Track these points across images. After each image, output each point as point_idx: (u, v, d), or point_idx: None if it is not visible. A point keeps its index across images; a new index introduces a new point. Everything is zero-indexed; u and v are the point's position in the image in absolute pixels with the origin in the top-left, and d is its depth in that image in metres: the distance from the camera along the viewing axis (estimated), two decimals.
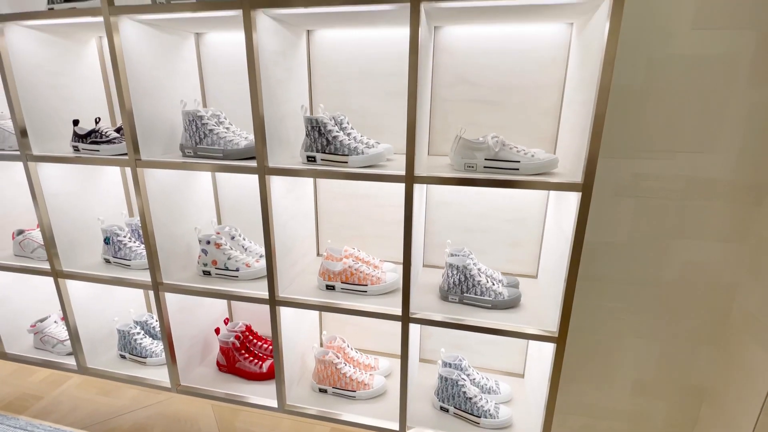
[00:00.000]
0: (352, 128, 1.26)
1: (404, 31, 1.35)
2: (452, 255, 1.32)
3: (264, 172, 1.21)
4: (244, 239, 1.55)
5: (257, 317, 1.83)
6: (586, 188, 1.01)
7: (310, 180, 1.56)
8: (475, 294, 1.26)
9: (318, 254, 1.68)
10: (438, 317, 1.21)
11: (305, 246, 1.56)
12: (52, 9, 1.28)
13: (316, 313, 1.70)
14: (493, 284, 1.27)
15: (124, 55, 1.22)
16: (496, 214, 1.45)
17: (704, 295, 1.36)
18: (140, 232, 1.62)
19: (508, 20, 1.22)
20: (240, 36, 1.49)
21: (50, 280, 1.93)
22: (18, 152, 1.43)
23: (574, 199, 1.07)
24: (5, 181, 1.70)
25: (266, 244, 1.28)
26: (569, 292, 1.10)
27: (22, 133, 1.38)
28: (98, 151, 1.37)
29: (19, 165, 1.75)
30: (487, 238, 1.48)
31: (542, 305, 1.29)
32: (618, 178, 1.32)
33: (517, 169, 1.09)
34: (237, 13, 1.11)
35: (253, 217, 1.69)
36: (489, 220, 1.46)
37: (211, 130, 1.31)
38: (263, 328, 1.83)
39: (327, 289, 1.37)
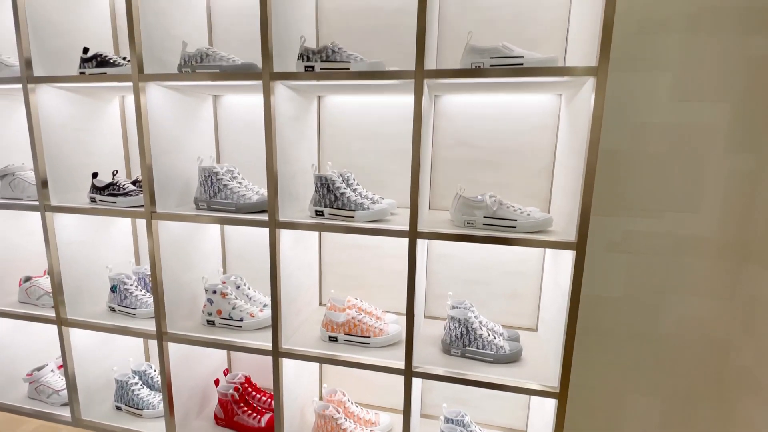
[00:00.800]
0: (357, 184, 1.33)
1: (406, 98, 1.47)
2: (454, 307, 1.36)
3: (275, 225, 1.27)
4: (248, 288, 1.58)
5: (257, 368, 1.82)
6: (579, 246, 1.07)
7: (316, 232, 1.62)
8: (477, 347, 1.28)
9: (321, 304, 1.71)
10: (440, 371, 1.23)
11: (309, 295, 1.59)
12: (84, 74, 1.40)
13: (316, 363, 1.70)
14: (495, 338, 1.30)
15: (149, 116, 1.31)
16: (496, 267, 1.50)
17: (700, 350, 1.39)
18: (146, 280, 1.65)
19: (501, 92, 1.34)
20: (254, 98, 1.60)
21: (51, 327, 1.93)
22: (36, 202, 1.49)
23: (569, 256, 1.12)
24: (16, 230, 1.75)
25: (272, 295, 1.31)
26: (569, 346, 1.13)
27: (43, 184, 1.45)
28: (115, 202, 1.43)
29: (33, 214, 1.80)
30: (486, 290, 1.52)
31: (543, 359, 1.31)
32: (610, 234, 1.39)
33: (515, 227, 1.16)
34: (258, 82, 1.22)
35: (258, 266, 1.73)
36: (489, 272, 1.51)
37: (225, 185, 1.38)
38: (262, 379, 1.81)
39: (330, 340, 1.39)
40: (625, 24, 1.28)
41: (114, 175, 1.49)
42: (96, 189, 1.47)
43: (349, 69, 1.18)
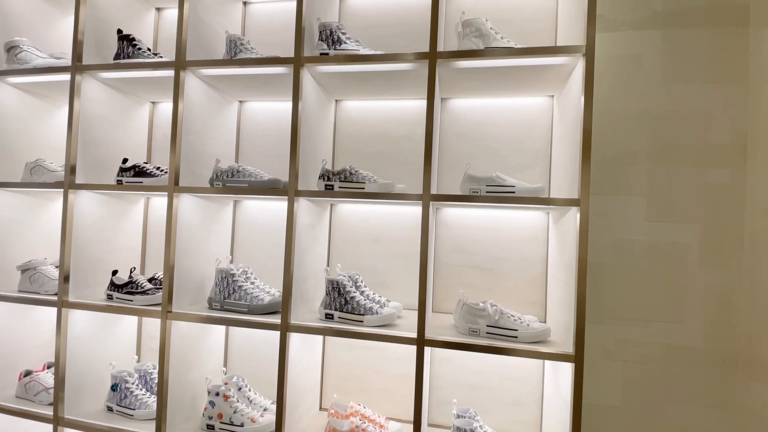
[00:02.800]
0: (365, 286, 1.43)
1: (409, 209, 1.63)
2: (459, 416, 1.37)
3: (286, 329, 1.33)
4: (249, 390, 1.58)
5: None
6: (578, 358, 1.14)
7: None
8: None
9: (321, 408, 1.68)
10: None
11: (310, 399, 1.58)
12: (121, 182, 1.55)
13: None
14: None
15: (179, 222, 1.44)
16: (498, 372, 1.53)
17: None
18: (147, 378, 1.64)
19: (496, 208, 1.50)
20: (270, 203, 1.76)
21: (44, 427, 1.84)
22: (55, 297, 1.54)
23: (568, 367, 1.19)
24: (23, 321, 1.76)
25: (278, 400, 1.32)
26: None
27: (65, 279, 1.51)
28: (132, 300, 1.49)
29: (44, 308, 1.84)
30: (489, 396, 1.54)
31: None
32: (604, 342, 1.46)
33: (516, 337, 1.23)
34: (282, 197, 1.37)
35: (259, 365, 1.74)
36: (490, 377, 1.54)
37: (240, 287, 1.47)
38: None
39: None
40: (601, 155, 1.50)
41: (131, 272, 1.57)
42: (114, 286, 1.54)
43: (364, 189, 1.34)
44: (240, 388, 1.56)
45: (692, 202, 1.44)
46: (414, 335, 1.25)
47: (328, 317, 1.37)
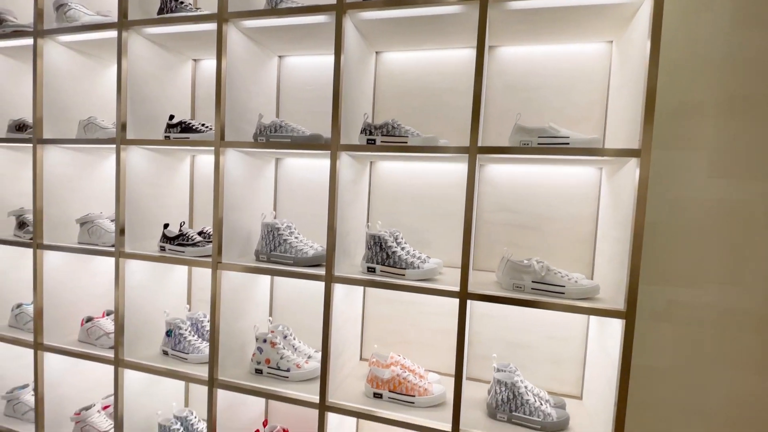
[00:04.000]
0: (406, 243, 1.42)
1: (452, 165, 1.59)
2: (499, 370, 1.38)
3: (331, 280, 1.36)
4: (294, 339, 1.64)
5: (294, 420, 1.82)
6: (629, 315, 1.10)
7: (360, 287, 1.69)
8: (524, 413, 1.28)
9: (362, 358, 1.74)
10: None
11: (351, 349, 1.63)
12: (168, 138, 1.59)
13: (353, 419, 1.70)
14: (541, 404, 1.30)
15: (226, 177, 1.47)
16: (539, 330, 1.52)
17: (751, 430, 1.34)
18: (198, 326, 1.74)
19: (544, 164, 1.44)
20: (312, 161, 1.76)
21: (101, 368, 2.01)
22: (113, 248, 1.63)
23: (618, 324, 1.16)
24: (83, 272, 1.89)
25: (323, 348, 1.37)
26: (620, 418, 1.13)
27: (121, 232, 1.60)
28: (183, 252, 1.56)
29: (102, 259, 1.96)
30: (528, 354, 1.53)
31: (590, 429, 1.29)
32: (653, 303, 1.41)
33: (563, 293, 1.21)
34: (325, 152, 1.36)
35: (302, 317, 1.80)
36: (531, 335, 1.53)
37: (285, 240, 1.50)
38: None
39: (374, 396, 1.41)
40: (663, 106, 1.39)
41: (181, 226, 1.63)
42: (166, 239, 1.61)
43: (407, 143, 1.32)
44: (285, 337, 1.63)
45: (761, 157, 1.33)
46: (457, 288, 1.24)
47: (370, 270, 1.39)
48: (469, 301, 1.50)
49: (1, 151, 1.94)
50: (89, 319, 1.80)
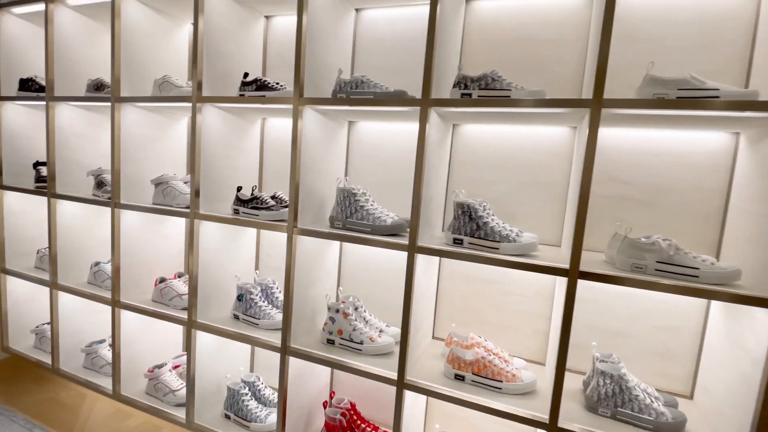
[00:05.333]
0: (493, 214, 1.28)
1: (543, 129, 1.41)
2: (602, 361, 1.22)
3: (414, 250, 1.24)
4: (365, 311, 1.56)
5: (360, 393, 1.77)
6: None
7: (436, 259, 1.57)
8: (632, 410, 1.12)
9: (434, 336, 1.64)
10: None
11: (425, 326, 1.53)
12: (243, 96, 1.52)
13: (423, 398, 1.61)
14: (652, 401, 1.13)
15: (303, 138, 1.38)
16: (644, 319, 1.34)
17: None
18: (268, 292, 1.70)
19: (664, 127, 1.23)
20: (385, 126, 1.63)
21: (174, 328, 2.05)
22: (187, 210, 1.61)
23: (763, 316, 0.96)
24: (154, 233, 1.90)
25: (404, 322, 1.27)
26: (764, 425, 0.95)
27: (196, 194, 1.57)
28: (257, 215, 1.50)
29: (174, 220, 1.97)
30: (631, 345, 1.36)
31: None
32: None
33: (697, 276, 1.02)
34: (413, 109, 1.23)
35: (370, 288, 1.71)
36: (635, 324, 1.35)
37: (362, 206, 1.40)
38: (365, 407, 1.75)
39: (456, 378, 1.30)
40: None
41: (253, 190, 1.58)
42: (240, 201, 1.56)
43: (510, 96, 1.16)
44: (357, 308, 1.55)
45: None
46: (566, 266, 1.09)
47: (457, 242, 1.26)
48: (564, 281, 1.36)
49: (81, 112, 1.98)
50: (162, 280, 1.81)
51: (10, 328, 2.16)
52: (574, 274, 1.07)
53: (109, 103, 1.73)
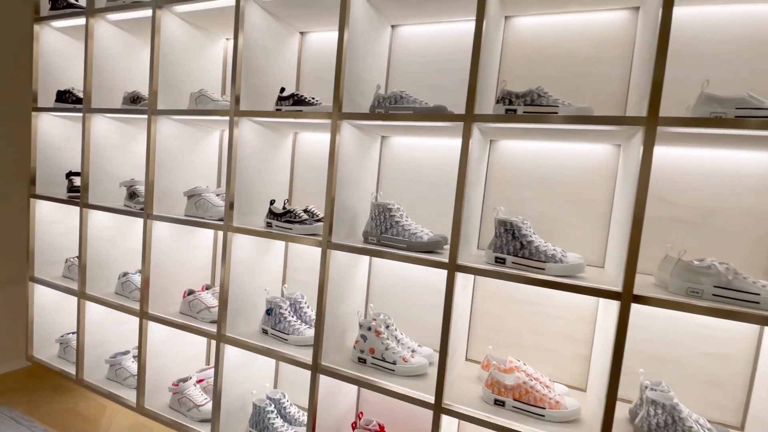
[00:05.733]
0: (534, 233, 1.25)
1: (586, 147, 1.38)
2: (651, 389, 1.16)
3: (455, 268, 1.21)
4: (395, 330, 1.53)
5: (388, 415, 1.72)
6: None
7: (471, 278, 1.54)
8: None
9: (467, 359, 1.59)
10: None
11: (460, 348, 1.48)
12: (280, 110, 1.53)
13: (455, 422, 1.55)
14: None
15: (339, 153, 1.38)
16: (693, 345, 1.28)
17: None
18: (296, 307, 1.68)
19: (715, 146, 1.20)
20: (418, 141, 1.62)
21: (200, 341, 2.03)
22: (220, 222, 1.60)
23: None
24: (183, 245, 1.91)
25: (443, 343, 1.24)
26: None
27: (230, 206, 1.56)
28: (291, 229, 1.49)
29: (202, 231, 1.97)
30: (679, 372, 1.30)
31: None
32: None
33: (758, 303, 0.97)
34: (456, 125, 1.22)
35: (400, 305, 1.68)
36: (683, 349, 1.29)
37: (397, 222, 1.38)
38: (393, 430, 1.70)
39: (495, 404, 1.26)
40: None
41: (285, 203, 1.57)
42: (273, 215, 1.55)
43: (557, 113, 1.13)
44: (388, 326, 1.51)
45: None
46: (618, 289, 1.05)
47: (499, 261, 1.23)
48: (616, 304, 1.31)
49: (115, 124, 2.01)
50: (191, 292, 1.80)
51: (35, 337, 2.16)
52: (627, 298, 1.03)
53: (144, 116, 1.75)
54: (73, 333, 2.17)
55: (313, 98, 1.52)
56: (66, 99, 2.04)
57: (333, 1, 1.48)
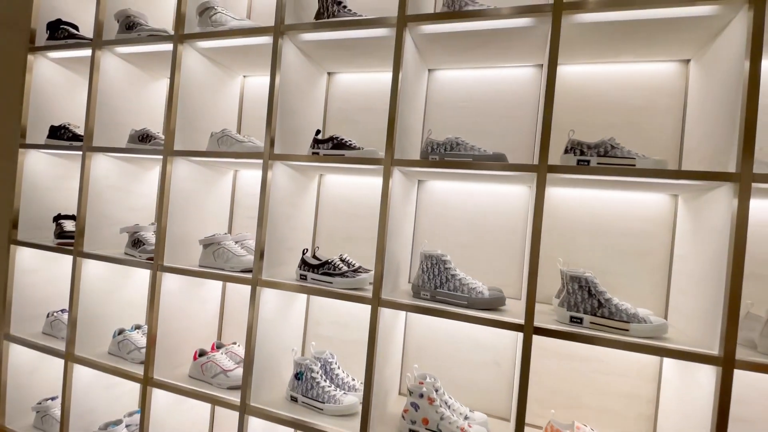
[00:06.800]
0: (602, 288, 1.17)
1: (647, 196, 1.35)
2: None
3: (531, 330, 1.11)
4: (444, 394, 1.39)
5: None
6: None
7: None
8: None
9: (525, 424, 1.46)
10: None
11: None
12: (317, 154, 1.42)
13: None
14: None
15: (390, 198, 1.28)
16: (759, 401, 1.22)
17: None
18: (327, 368, 1.51)
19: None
20: (459, 186, 1.55)
21: (203, 405, 1.80)
22: (247, 275, 1.44)
23: None
24: (192, 298, 1.71)
25: (519, 414, 1.11)
26: None
27: (260, 256, 1.41)
28: (331, 283, 1.35)
29: (211, 283, 1.79)
30: (747, 430, 1.23)
31: None
32: None
33: None
34: (520, 174, 1.15)
35: (441, 364, 1.55)
36: (748, 407, 1.22)
37: (453, 275, 1.27)
38: None
39: None
40: None
41: (315, 252, 1.44)
42: (308, 266, 1.41)
43: (634, 165, 1.09)
44: (437, 390, 1.37)
45: None
46: (714, 352, 0.97)
47: (575, 321, 1.14)
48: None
49: (117, 163, 1.83)
50: (202, 353, 1.60)
51: (7, 405, 1.86)
52: (729, 363, 0.95)
53: (153, 156, 1.60)
54: (52, 398, 1.88)
55: (351, 141, 1.42)
56: (61, 135, 1.85)
57: (373, 44, 1.42)
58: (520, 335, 1.13)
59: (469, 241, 1.53)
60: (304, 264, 1.42)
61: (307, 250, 1.45)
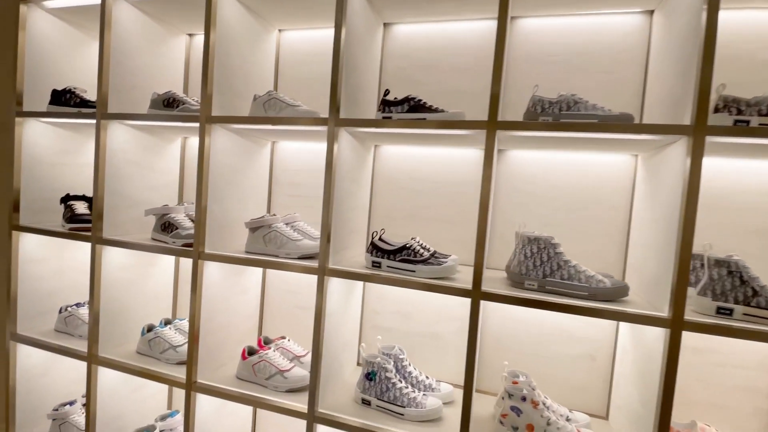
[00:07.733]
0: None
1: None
2: None
3: (681, 326, 0.93)
4: (540, 395, 1.22)
5: None
6: None
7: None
8: None
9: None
10: None
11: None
12: (389, 118, 1.20)
13: None
14: None
15: (496, 174, 1.06)
16: None
17: None
18: (398, 366, 1.33)
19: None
20: (542, 155, 1.35)
21: (246, 409, 1.61)
22: (310, 263, 1.23)
23: None
24: (233, 289, 1.49)
25: (662, 415, 0.95)
26: None
27: (327, 239, 1.19)
28: (414, 272, 1.15)
29: (252, 271, 1.57)
30: None
31: None
32: None
33: None
34: (671, 137, 0.95)
35: (526, 359, 1.38)
36: None
37: (566, 262, 1.08)
38: None
39: None
40: None
41: (381, 235, 1.23)
42: (381, 252, 1.20)
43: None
44: (533, 389, 1.20)
45: None
46: None
47: (723, 312, 0.96)
48: None
49: (137, 134, 1.57)
50: (251, 352, 1.40)
51: (18, 412, 1.64)
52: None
53: (187, 124, 1.35)
54: (70, 404, 1.66)
55: (429, 103, 1.19)
56: (66, 101, 1.57)
57: None
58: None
59: (563, 220, 1.33)
60: (375, 249, 1.22)
61: (376, 232, 1.24)
